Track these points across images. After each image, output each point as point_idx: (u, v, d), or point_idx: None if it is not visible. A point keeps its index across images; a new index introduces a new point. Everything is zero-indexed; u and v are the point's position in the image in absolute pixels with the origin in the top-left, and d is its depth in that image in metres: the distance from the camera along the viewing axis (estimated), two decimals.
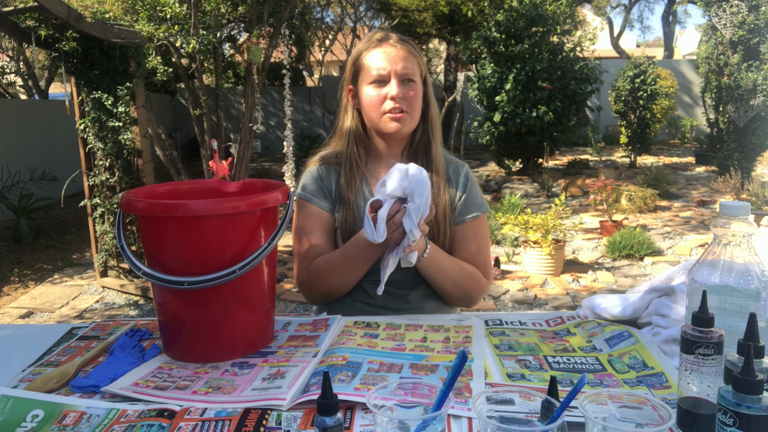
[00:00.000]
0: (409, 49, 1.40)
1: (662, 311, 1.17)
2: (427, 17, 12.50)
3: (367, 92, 1.40)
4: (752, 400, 0.68)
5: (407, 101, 1.38)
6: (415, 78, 1.39)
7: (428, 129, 1.46)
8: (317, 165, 1.50)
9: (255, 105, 5.54)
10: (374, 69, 1.38)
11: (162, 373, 1.05)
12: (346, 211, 1.43)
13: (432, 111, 1.47)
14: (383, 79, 1.38)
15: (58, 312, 4.54)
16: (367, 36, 1.44)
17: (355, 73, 1.43)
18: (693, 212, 7.20)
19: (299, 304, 4.50)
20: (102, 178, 4.70)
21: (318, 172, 1.49)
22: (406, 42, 1.41)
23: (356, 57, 1.43)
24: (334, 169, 1.48)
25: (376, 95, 1.38)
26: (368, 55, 1.40)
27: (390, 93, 1.37)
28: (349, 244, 1.37)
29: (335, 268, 1.39)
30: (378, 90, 1.38)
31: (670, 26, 19.64)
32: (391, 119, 1.39)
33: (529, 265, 5.05)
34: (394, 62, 1.37)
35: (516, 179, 9.37)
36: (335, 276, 1.40)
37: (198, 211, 1.02)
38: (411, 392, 0.77)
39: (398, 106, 1.37)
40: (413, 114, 1.40)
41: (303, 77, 16.23)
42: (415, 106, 1.40)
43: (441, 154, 1.48)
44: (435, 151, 1.46)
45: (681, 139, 14.40)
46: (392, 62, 1.37)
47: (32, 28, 4.19)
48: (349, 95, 1.47)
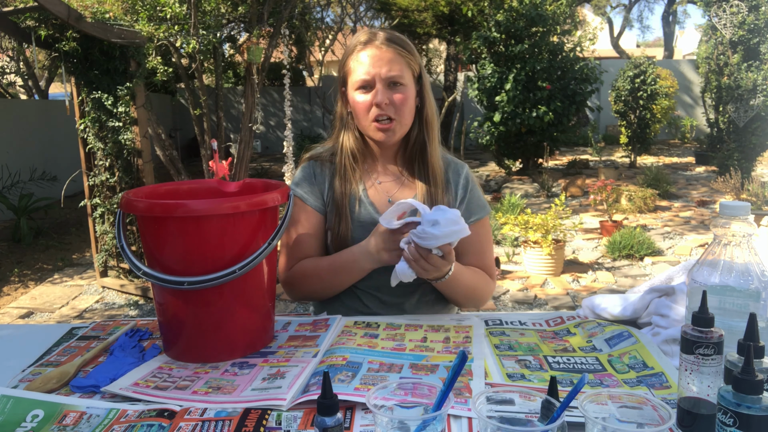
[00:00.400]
0: (396, 50, 1.32)
1: (662, 311, 1.17)
2: (427, 17, 12.50)
3: (355, 98, 1.34)
4: (752, 400, 0.68)
5: (394, 107, 1.31)
6: (403, 80, 1.32)
7: (424, 129, 1.40)
8: (310, 162, 1.47)
9: (255, 105, 5.54)
10: (359, 74, 1.32)
11: (162, 373, 1.05)
12: (338, 217, 1.39)
13: (428, 110, 1.39)
14: (368, 84, 1.31)
15: (58, 312, 4.54)
16: (354, 36, 1.36)
17: (344, 77, 1.38)
18: (693, 212, 7.20)
19: (299, 304, 4.50)
20: (102, 178, 4.70)
21: (312, 169, 1.45)
22: (393, 42, 1.33)
23: (344, 60, 1.37)
24: (328, 168, 1.45)
25: (362, 102, 1.32)
26: (353, 58, 1.34)
27: (376, 99, 1.30)
28: (338, 256, 1.35)
29: (320, 275, 1.38)
30: (364, 96, 1.32)
31: (670, 26, 19.64)
32: (377, 129, 1.33)
33: (529, 265, 5.05)
34: (378, 66, 1.30)
35: (516, 179, 9.37)
36: (318, 282, 1.39)
37: (198, 211, 1.02)
38: (411, 392, 0.77)
39: (384, 113, 1.31)
40: (402, 120, 1.34)
41: (303, 77, 16.22)
42: (404, 111, 1.33)
43: (439, 155, 1.42)
44: (431, 152, 1.40)
45: (681, 139, 14.40)
46: (376, 66, 1.30)
47: (32, 28, 4.19)
48: (341, 98, 1.42)
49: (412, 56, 1.35)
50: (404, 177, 1.44)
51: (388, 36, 1.34)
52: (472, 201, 1.45)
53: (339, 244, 1.39)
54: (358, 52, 1.33)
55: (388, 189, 1.43)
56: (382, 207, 1.40)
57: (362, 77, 1.31)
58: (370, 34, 1.34)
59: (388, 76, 1.31)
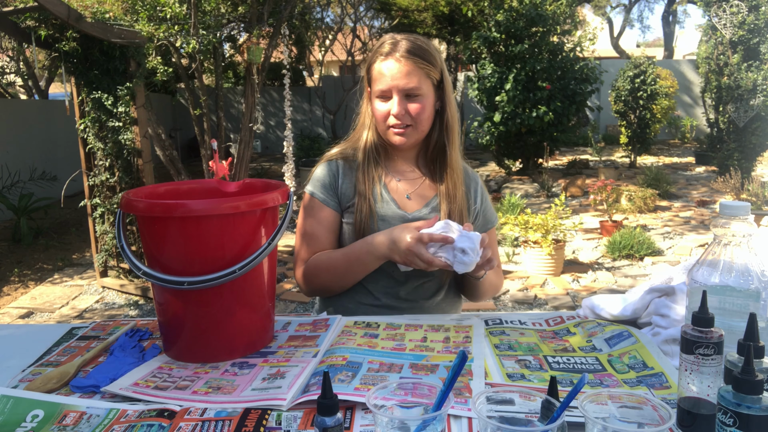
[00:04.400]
0: (414, 62, 1.36)
1: (662, 311, 1.17)
2: (427, 17, 12.50)
3: (375, 105, 1.41)
4: (752, 400, 0.68)
5: (410, 116, 1.38)
6: (420, 92, 1.37)
7: (444, 132, 1.45)
8: (337, 160, 1.50)
9: (255, 105, 5.54)
10: (379, 84, 1.38)
11: (162, 373, 1.05)
12: (360, 211, 1.42)
13: (449, 113, 1.45)
14: (386, 94, 1.38)
15: (58, 312, 4.54)
16: (379, 42, 1.42)
17: (369, 80, 1.44)
18: (693, 212, 7.20)
19: (299, 304, 4.50)
20: (102, 178, 4.70)
21: (337, 167, 1.49)
22: (413, 54, 1.36)
23: (368, 64, 1.43)
24: (351, 165, 1.49)
25: (381, 110, 1.40)
26: (376, 67, 1.40)
27: (392, 110, 1.37)
28: (354, 246, 1.39)
29: (334, 265, 1.41)
30: (383, 105, 1.39)
31: (670, 26, 19.63)
32: (394, 134, 1.41)
33: (529, 265, 5.05)
34: (397, 79, 1.36)
35: (516, 179, 9.37)
36: (332, 273, 1.42)
37: (198, 211, 1.02)
38: (411, 392, 0.77)
39: (400, 122, 1.38)
40: (418, 126, 1.40)
41: (303, 77, 16.23)
42: (421, 118, 1.39)
43: (459, 157, 1.48)
44: (452, 154, 1.46)
45: (681, 139, 14.40)
46: (395, 79, 1.36)
47: (32, 28, 4.19)
48: (367, 97, 1.48)
49: (432, 66, 1.39)
50: (424, 177, 1.50)
51: (409, 47, 1.37)
52: (487, 211, 1.56)
53: (360, 237, 1.42)
54: (381, 62, 1.39)
55: (407, 187, 1.48)
56: (401, 203, 1.46)
57: (381, 88, 1.38)
58: (392, 44, 1.38)
59: (405, 89, 1.37)
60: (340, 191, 1.47)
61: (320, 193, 1.46)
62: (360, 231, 1.42)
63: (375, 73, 1.40)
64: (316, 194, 1.47)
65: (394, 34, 1.42)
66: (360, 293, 1.46)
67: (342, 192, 1.47)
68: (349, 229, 1.44)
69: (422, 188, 1.48)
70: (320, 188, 1.47)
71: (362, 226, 1.41)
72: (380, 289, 1.44)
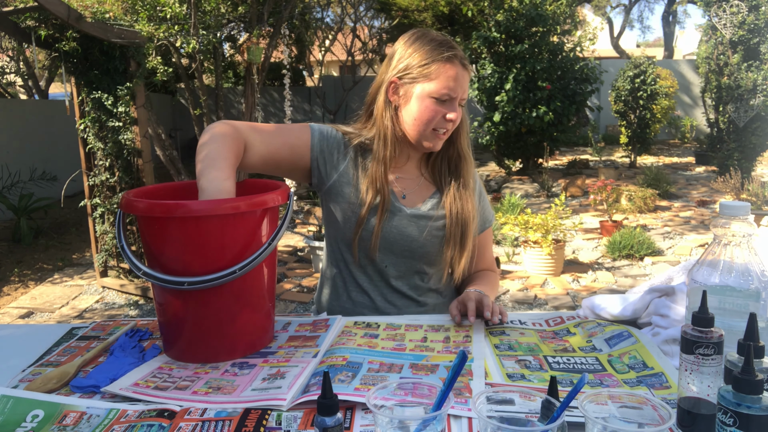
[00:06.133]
0: (470, 72, 1.37)
1: (662, 311, 1.17)
2: (427, 17, 12.50)
3: (425, 104, 1.33)
4: (752, 400, 0.68)
5: (453, 124, 1.37)
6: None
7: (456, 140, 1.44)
8: (356, 145, 1.42)
9: (255, 105, 5.54)
10: (444, 87, 1.31)
11: (162, 373, 1.05)
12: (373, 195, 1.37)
13: (463, 122, 1.43)
14: (445, 98, 1.32)
15: (58, 312, 4.54)
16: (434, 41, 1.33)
17: (413, 75, 1.33)
18: (693, 212, 7.20)
19: (299, 304, 4.50)
20: (102, 178, 4.70)
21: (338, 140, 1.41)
22: (468, 63, 1.36)
23: (423, 60, 1.32)
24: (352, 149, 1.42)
25: (434, 111, 1.33)
26: (439, 67, 1.31)
27: (450, 116, 1.33)
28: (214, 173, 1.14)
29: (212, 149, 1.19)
30: (437, 107, 1.33)
31: (670, 26, 19.64)
32: (436, 137, 1.37)
33: (529, 265, 5.05)
34: (462, 86, 1.33)
35: (516, 179, 9.37)
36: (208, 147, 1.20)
37: (198, 211, 1.02)
38: (411, 392, 0.77)
39: (449, 129, 1.37)
40: (450, 134, 1.40)
41: (303, 77, 16.22)
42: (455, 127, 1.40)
43: (472, 167, 1.47)
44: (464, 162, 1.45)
45: (681, 139, 14.39)
46: (461, 86, 1.33)
47: (32, 28, 4.20)
48: (391, 88, 1.36)
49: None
50: (424, 178, 1.47)
51: (463, 55, 1.35)
52: (485, 209, 1.54)
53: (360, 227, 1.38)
54: (445, 63, 1.31)
55: (406, 185, 1.45)
56: (398, 198, 1.42)
57: (446, 92, 1.31)
58: (449, 47, 1.33)
59: (463, 98, 1.36)
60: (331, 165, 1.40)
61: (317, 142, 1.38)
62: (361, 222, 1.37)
63: (437, 72, 1.31)
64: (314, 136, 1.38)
65: (436, 33, 1.36)
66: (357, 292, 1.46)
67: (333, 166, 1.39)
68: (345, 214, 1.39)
69: (419, 190, 1.46)
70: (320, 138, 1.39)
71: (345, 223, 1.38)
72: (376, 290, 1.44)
